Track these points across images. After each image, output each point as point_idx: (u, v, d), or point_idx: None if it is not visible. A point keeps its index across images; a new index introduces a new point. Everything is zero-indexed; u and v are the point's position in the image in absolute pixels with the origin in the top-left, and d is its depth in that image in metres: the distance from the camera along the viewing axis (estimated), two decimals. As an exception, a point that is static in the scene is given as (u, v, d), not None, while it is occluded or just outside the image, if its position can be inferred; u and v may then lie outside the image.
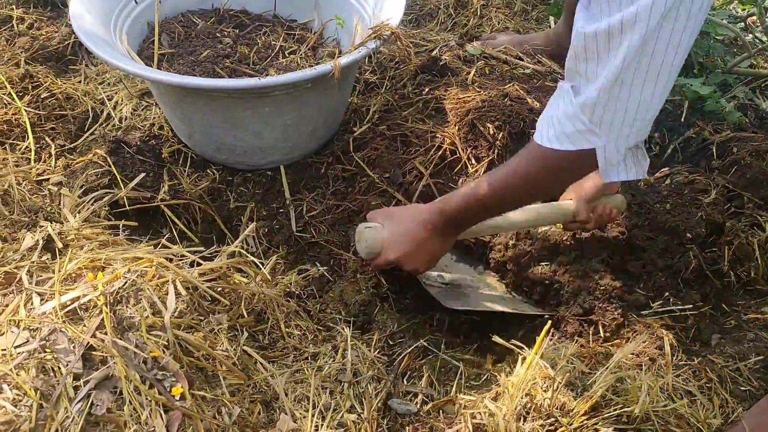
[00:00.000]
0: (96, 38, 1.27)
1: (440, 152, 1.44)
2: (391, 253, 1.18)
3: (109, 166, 1.34)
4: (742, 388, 1.13)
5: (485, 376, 1.13)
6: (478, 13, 2.05)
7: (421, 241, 1.17)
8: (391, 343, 1.24)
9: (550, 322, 1.14)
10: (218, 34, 1.51)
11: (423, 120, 1.52)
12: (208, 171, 1.47)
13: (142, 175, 1.33)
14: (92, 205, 1.13)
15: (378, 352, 1.14)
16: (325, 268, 1.34)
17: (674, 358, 1.10)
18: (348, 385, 0.96)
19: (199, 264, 1.00)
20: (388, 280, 1.35)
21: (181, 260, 0.98)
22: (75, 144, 1.53)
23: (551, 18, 2.08)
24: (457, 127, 1.47)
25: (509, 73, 1.74)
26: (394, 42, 1.36)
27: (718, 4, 2.05)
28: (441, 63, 1.71)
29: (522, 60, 1.81)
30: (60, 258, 0.90)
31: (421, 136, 1.46)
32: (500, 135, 1.45)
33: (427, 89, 1.63)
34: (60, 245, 0.92)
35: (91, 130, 1.56)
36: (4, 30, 1.75)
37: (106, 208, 1.20)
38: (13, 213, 1.01)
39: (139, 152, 1.42)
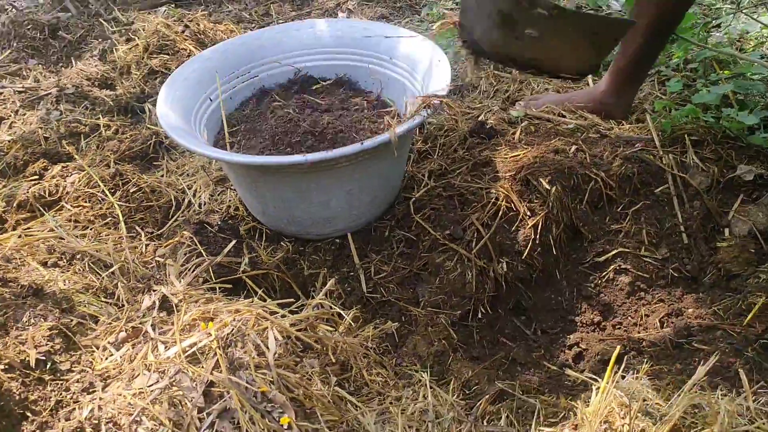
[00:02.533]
0: (180, 131, 1.44)
1: (496, 207, 1.52)
2: None
3: (196, 245, 1.47)
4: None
5: (562, 414, 1.17)
6: (517, 80, 2.18)
7: None
8: (467, 391, 1.29)
9: (618, 348, 1.18)
10: (287, 108, 1.67)
11: (476, 178, 1.62)
12: (282, 243, 1.60)
13: (233, 242, 1.46)
14: (193, 271, 1.26)
15: (456, 397, 1.20)
16: (396, 324, 1.42)
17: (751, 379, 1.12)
18: (432, 424, 1.02)
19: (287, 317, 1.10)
20: (457, 332, 1.42)
21: (273, 314, 1.08)
22: (161, 230, 1.68)
23: (589, 77, 2.19)
24: (510, 183, 1.56)
25: (553, 129, 1.84)
26: (444, 110, 1.49)
27: (749, 47, 2.13)
28: (488, 126, 1.83)
29: (564, 117, 1.91)
30: (177, 312, 1.02)
31: (477, 193, 1.56)
32: (553, 189, 1.53)
33: (477, 150, 1.74)
34: (175, 301, 1.04)
35: (175, 217, 1.72)
36: (94, 137, 1.97)
37: (204, 274, 1.32)
38: (131, 281, 1.16)
39: (220, 231, 1.56)
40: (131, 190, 1.75)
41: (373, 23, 1.80)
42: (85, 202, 1.68)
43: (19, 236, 1.45)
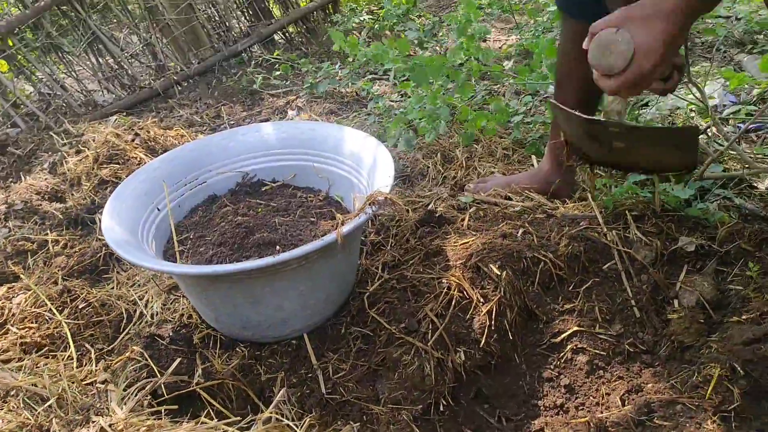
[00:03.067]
0: (126, 246, 1.43)
1: (449, 296, 1.53)
2: (646, 62, 1.06)
3: (146, 360, 1.44)
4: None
5: None
6: (464, 165, 2.25)
7: (672, 38, 1.04)
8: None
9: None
10: (235, 212, 1.68)
11: (428, 268, 1.63)
12: (237, 349, 1.57)
13: (178, 360, 1.42)
14: (136, 395, 1.22)
15: (421, 500, 1.16)
16: (357, 424, 1.39)
17: None
18: None
19: (237, 436, 1.07)
20: (420, 427, 1.39)
21: (220, 435, 1.05)
22: (113, 345, 1.64)
23: (533, 157, 2.27)
24: (461, 271, 1.57)
25: (501, 213, 1.88)
26: (389, 206, 1.52)
27: (680, 120, 2.24)
28: (437, 215, 1.87)
29: (511, 199, 1.96)
30: (112, 450, 0.98)
31: (429, 284, 1.57)
32: (503, 274, 1.55)
33: (428, 240, 1.76)
34: (111, 436, 1.00)
35: (126, 330, 1.68)
36: (42, 253, 1.95)
37: (149, 397, 1.28)
38: (68, 413, 1.11)
39: (172, 342, 1.53)
40: (80, 306, 1.72)
41: (318, 123, 1.86)
42: (32, 323, 1.64)
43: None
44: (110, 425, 1.03)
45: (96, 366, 1.57)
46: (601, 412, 1.41)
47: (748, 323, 1.46)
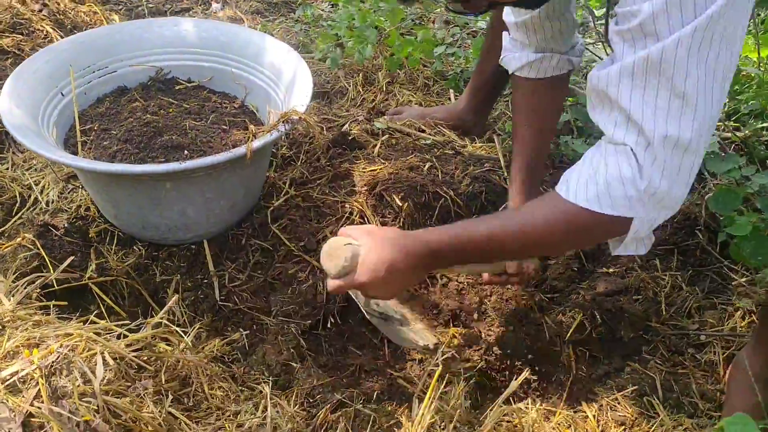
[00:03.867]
0: (25, 130, 1.37)
1: (349, 221, 1.59)
2: (363, 277, 1.09)
3: (38, 250, 1.42)
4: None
5: (394, 422, 1.26)
6: (384, 90, 2.26)
7: (398, 270, 1.08)
8: (311, 400, 1.35)
9: (439, 370, 1.28)
10: (146, 109, 1.63)
11: (334, 191, 1.68)
12: (135, 248, 1.57)
13: (71, 258, 1.42)
14: (25, 288, 1.22)
15: (297, 407, 1.25)
16: (247, 332, 1.46)
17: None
18: (268, 438, 1.07)
19: (125, 336, 1.10)
20: (307, 341, 1.47)
21: (108, 334, 1.08)
22: (3, 229, 1.60)
23: (451, 91, 2.31)
24: (365, 198, 1.63)
25: (412, 144, 1.93)
26: (303, 125, 1.53)
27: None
28: (350, 137, 1.89)
29: (424, 132, 2.01)
30: (-1, 338, 0.99)
31: (333, 206, 1.62)
32: (405, 205, 1.62)
33: (338, 161, 1.79)
34: (-2, 326, 1.01)
35: (18, 215, 1.64)
36: None
37: (38, 290, 1.28)
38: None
39: (66, 234, 1.51)
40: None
41: (241, 28, 1.80)
42: None
43: None
44: (-3, 317, 1.03)
45: (-18, 250, 1.54)
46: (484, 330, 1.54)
47: (613, 276, 1.62)
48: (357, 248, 1.11)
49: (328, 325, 1.52)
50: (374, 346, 1.57)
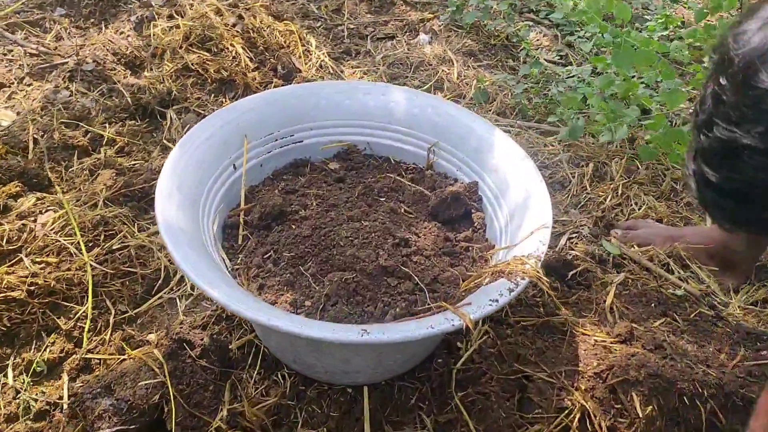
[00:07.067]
0: (180, 235, 1.05)
1: (568, 418, 1.13)
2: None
3: (164, 378, 1.12)
4: None
5: None
6: (618, 192, 1.75)
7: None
8: None
9: None
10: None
11: (546, 359, 1.22)
12: (279, 376, 1.23)
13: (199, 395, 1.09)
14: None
15: None
16: None
17: None
18: None
19: None
20: None
21: None
22: (137, 311, 1.33)
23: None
24: (591, 392, 1.16)
25: (655, 292, 1.43)
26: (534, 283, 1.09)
27: None
28: (572, 270, 1.43)
29: (672, 273, 1.49)
30: None
31: (543, 391, 1.17)
32: (648, 409, 1.14)
33: (549, 308, 1.34)
34: None
35: (159, 294, 1.36)
36: (89, 159, 1.59)
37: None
38: None
39: (203, 354, 1.19)
40: (114, 247, 1.39)
41: (462, 111, 1.38)
42: (52, 256, 1.33)
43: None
44: None
45: (111, 337, 1.27)
46: None
47: None
48: None
49: None
50: None
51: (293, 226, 1.22)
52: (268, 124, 1.34)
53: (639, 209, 1.72)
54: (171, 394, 1.11)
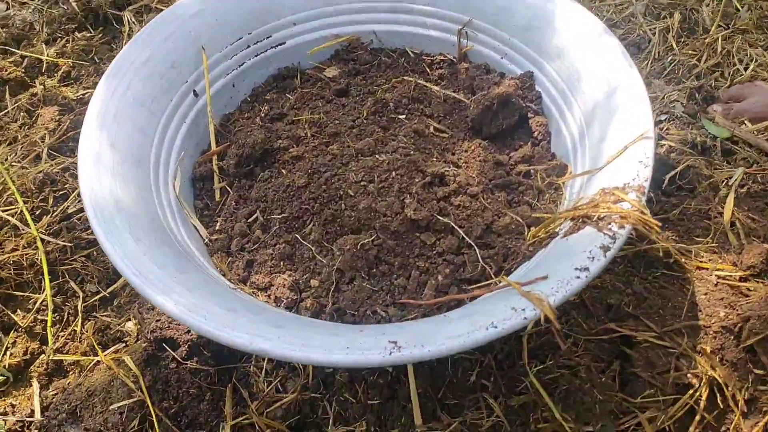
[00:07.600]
0: (116, 228, 0.73)
1: (693, 399, 0.82)
2: None
3: (140, 393, 0.84)
4: None
5: None
6: (716, 47, 1.32)
7: None
8: None
9: None
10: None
11: (653, 318, 0.89)
12: (297, 370, 0.95)
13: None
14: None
15: None
16: None
17: None
18: None
19: None
20: None
21: None
22: (113, 287, 1.04)
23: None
24: (717, 354, 0.84)
25: (782, 189, 1.06)
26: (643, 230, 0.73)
27: None
28: (670, 171, 1.06)
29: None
30: None
31: (655, 363, 0.85)
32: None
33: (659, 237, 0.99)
34: None
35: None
36: (28, 93, 1.24)
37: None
38: None
39: (191, 353, 0.91)
40: (70, 210, 1.09)
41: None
42: (-10, 235, 1.03)
43: None
44: None
45: (82, 329, 1.00)
46: None
47: None
48: None
49: None
50: None
51: (283, 171, 0.88)
52: (231, 25, 0.95)
53: (745, 69, 1.30)
54: (153, 415, 0.84)
